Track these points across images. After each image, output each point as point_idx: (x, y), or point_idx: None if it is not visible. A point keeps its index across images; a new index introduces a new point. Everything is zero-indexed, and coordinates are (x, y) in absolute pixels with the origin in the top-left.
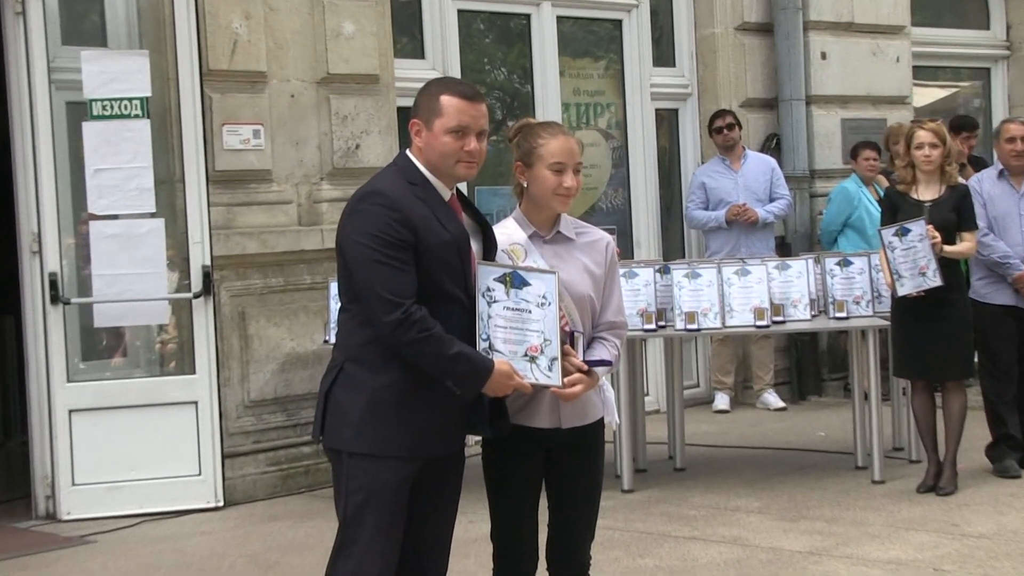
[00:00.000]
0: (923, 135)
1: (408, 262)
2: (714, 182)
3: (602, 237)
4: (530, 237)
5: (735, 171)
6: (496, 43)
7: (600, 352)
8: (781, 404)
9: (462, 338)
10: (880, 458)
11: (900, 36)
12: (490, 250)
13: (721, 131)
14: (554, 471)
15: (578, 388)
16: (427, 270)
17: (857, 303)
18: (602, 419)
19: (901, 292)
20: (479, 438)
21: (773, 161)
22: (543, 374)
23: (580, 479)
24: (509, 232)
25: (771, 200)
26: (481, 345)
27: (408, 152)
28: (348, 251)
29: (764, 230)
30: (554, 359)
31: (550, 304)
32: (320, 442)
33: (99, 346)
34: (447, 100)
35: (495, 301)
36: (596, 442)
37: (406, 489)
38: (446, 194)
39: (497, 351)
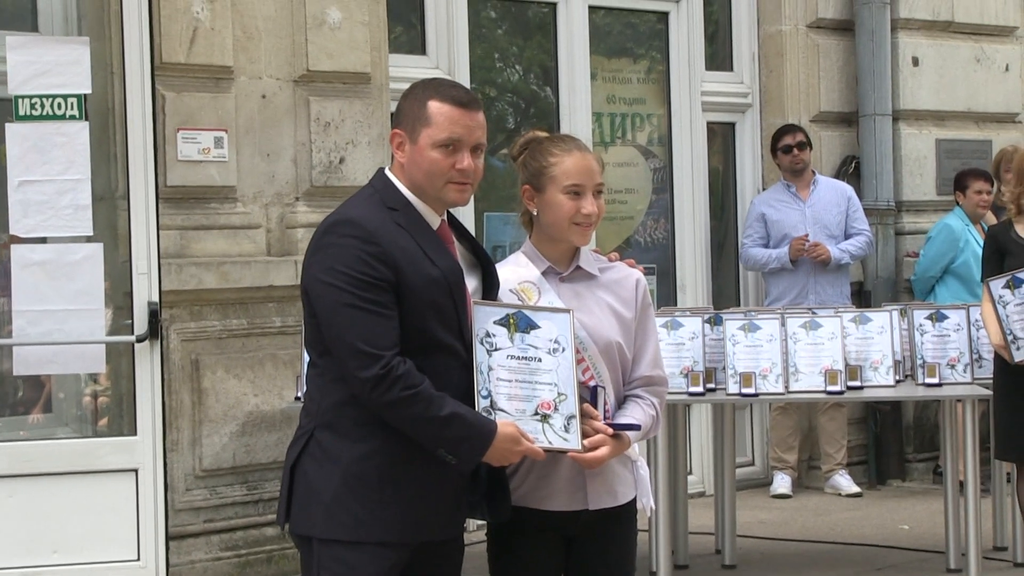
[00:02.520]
0: None
1: (388, 306)
2: (777, 213)
3: (630, 274)
4: (543, 274)
5: (803, 200)
6: (510, 35)
7: (631, 413)
8: (855, 489)
9: (460, 398)
10: (978, 560)
11: (1010, 39)
12: (491, 288)
13: (790, 151)
14: (575, 565)
15: (602, 452)
16: (412, 314)
17: (952, 367)
18: (634, 501)
19: (1018, 358)
20: (482, 522)
21: (850, 189)
22: (558, 436)
23: (608, 574)
24: (520, 269)
25: (846, 237)
26: (481, 403)
27: (387, 171)
28: (315, 294)
29: (838, 273)
30: (571, 417)
31: (564, 350)
32: (285, 528)
33: (13, 398)
34: (436, 107)
35: (496, 349)
36: (626, 529)
37: None
38: (434, 221)
39: (501, 410)
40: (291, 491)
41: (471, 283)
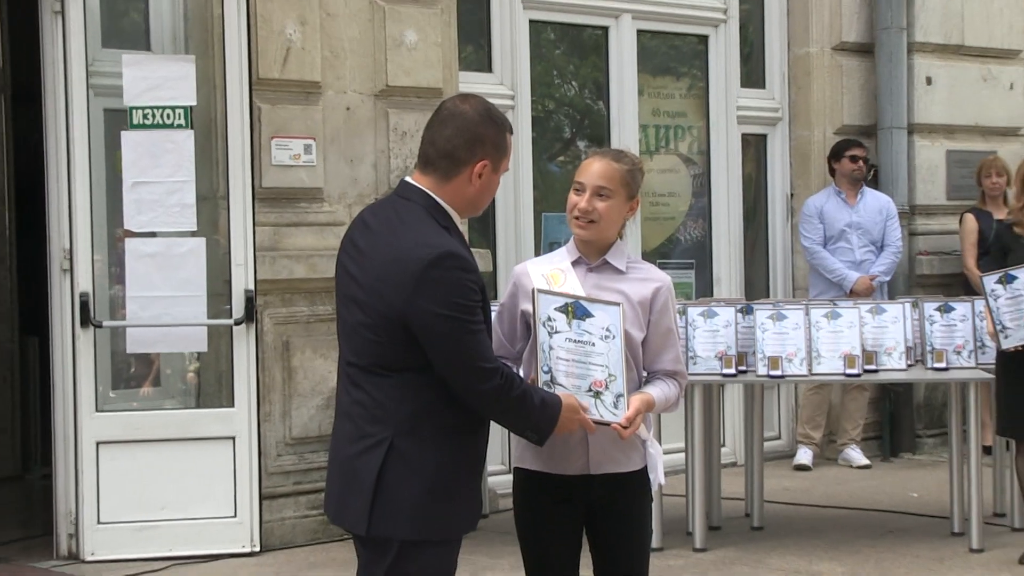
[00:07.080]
0: None
1: (484, 321)
2: (832, 212)
3: (654, 278)
4: (574, 263)
5: (850, 206)
6: (567, 55)
7: (652, 387)
8: (865, 461)
9: None
10: (979, 524)
11: (1015, 61)
12: None
13: (857, 160)
14: (592, 528)
15: (631, 411)
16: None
17: (958, 353)
18: (642, 471)
19: (1005, 345)
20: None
21: (890, 201)
22: (608, 411)
23: (620, 537)
24: (555, 258)
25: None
26: (543, 378)
27: (415, 183)
28: (429, 326)
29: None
30: (620, 396)
31: (614, 337)
32: (364, 534)
33: (127, 374)
34: (509, 140)
35: (557, 332)
36: (636, 496)
37: None
38: (464, 232)
39: (559, 384)
40: (374, 498)
41: None
